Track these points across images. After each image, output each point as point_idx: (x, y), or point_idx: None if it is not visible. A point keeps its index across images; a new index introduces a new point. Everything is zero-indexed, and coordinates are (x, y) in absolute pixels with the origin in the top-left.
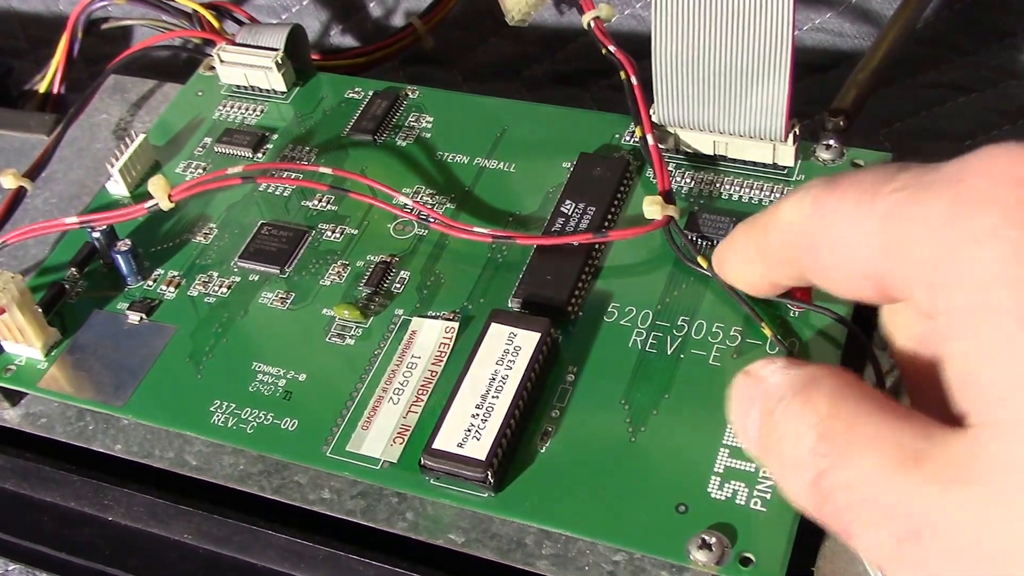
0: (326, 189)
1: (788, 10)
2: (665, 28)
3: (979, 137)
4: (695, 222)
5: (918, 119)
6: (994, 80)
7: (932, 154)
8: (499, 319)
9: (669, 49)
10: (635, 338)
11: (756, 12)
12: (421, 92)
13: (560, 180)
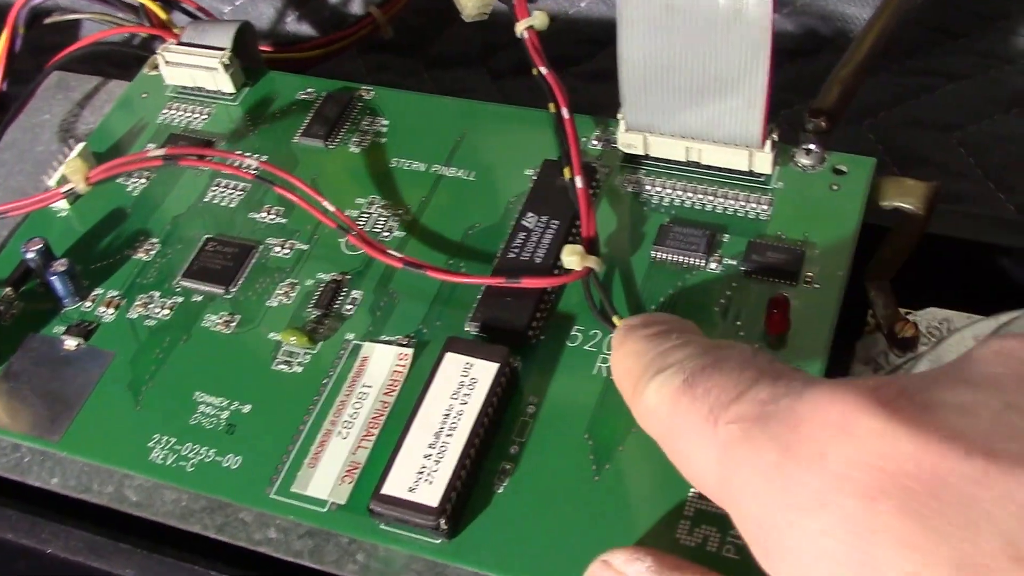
0: (251, 178)
1: (766, 12)
2: (633, 29)
3: (969, 127)
4: (665, 236)
5: (904, 108)
6: (985, 65)
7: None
8: (454, 348)
9: (637, 51)
10: (599, 365)
11: (731, 15)
12: (376, 93)
13: (523, 189)
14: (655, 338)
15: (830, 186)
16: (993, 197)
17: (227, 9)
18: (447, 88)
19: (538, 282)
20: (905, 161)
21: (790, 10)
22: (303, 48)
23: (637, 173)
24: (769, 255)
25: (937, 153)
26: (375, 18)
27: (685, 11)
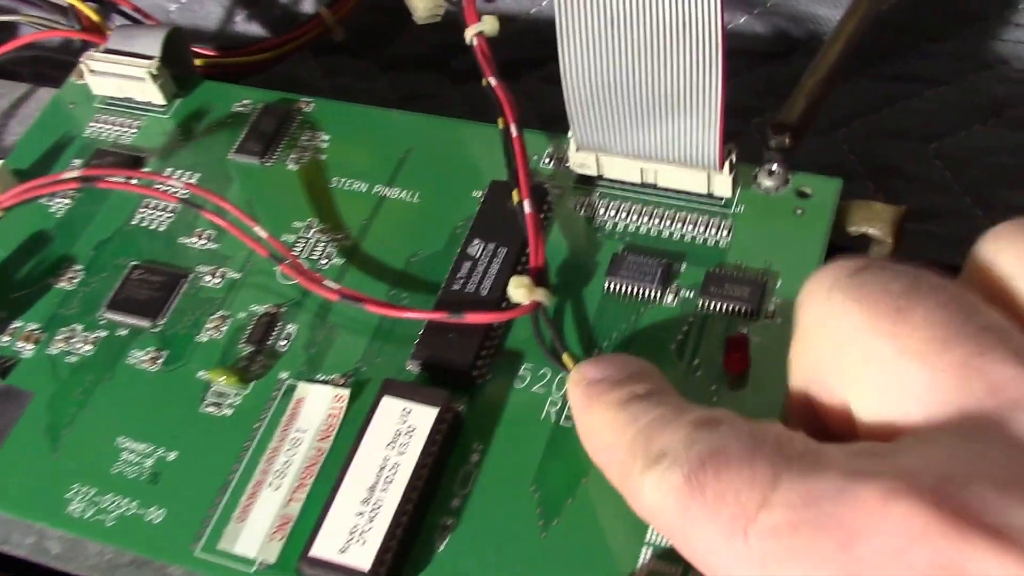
0: (175, 201)
1: (716, 28)
2: (574, 44)
3: (946, 138)
4: (619, 265)
5: (880, 116)
6: (964, 70)
7: (895, 159)
8: (391, 391)
9: (580, 68)
10: (549, 408)
11: (678, 30)
12: (317, 105)
13: (471, 212)
14: (628, 406)
15: (794, 210)
16: (970, 213)
17: (173, 7)
18: (405, 91)
19: (483, 317)
20: (879, 173)
21: (760, 11)
22: (249, 52)
23: (591, 195)
24: (728, 287)
25: (913, 165)
26: (324, 19)
27: (629, 25)
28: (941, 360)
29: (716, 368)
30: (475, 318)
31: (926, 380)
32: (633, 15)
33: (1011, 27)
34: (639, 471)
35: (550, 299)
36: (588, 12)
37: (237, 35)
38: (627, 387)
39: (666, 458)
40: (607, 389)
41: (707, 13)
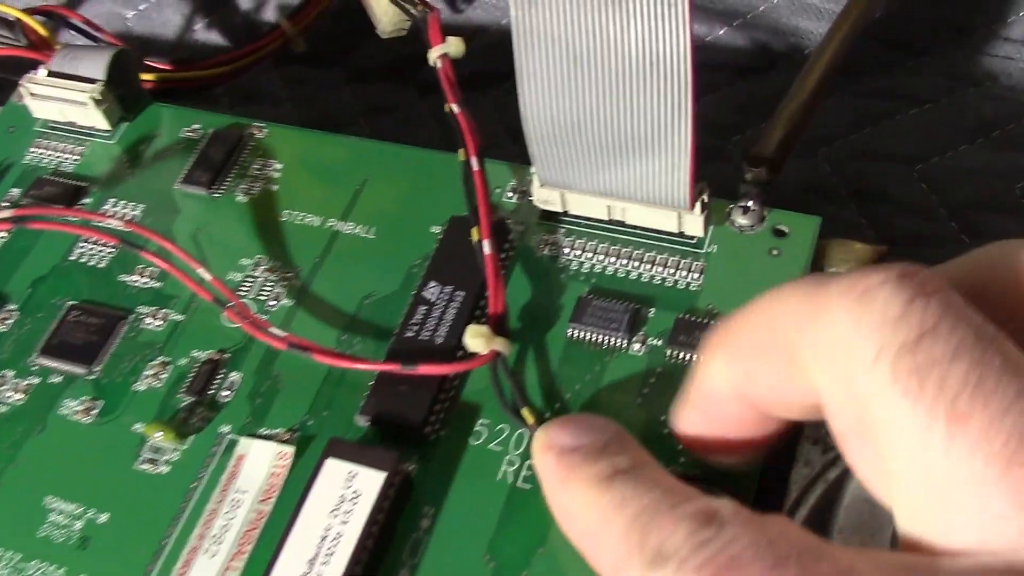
0: (114, 242)
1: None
2: (535, 83)
3: (932, 159)
4: (583, 310)
5: (862, 136)
6: (949, 88)
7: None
8: (336, 452)
9: (542, 107)
10: (506, 468)
11: (645, 70)
12: (271, 131)
13: (428, 250)
14: (613, 485)
15: (770, 251)
16: (957, 240)
17: (130, 15)
18: (370, 103)
19: (437, 369)
20: (862, 196)
21: (740, 23)
22: (206, 66)
23: (555, 233)
24: (698, 335)
25: (897, 188)
26: (284, 31)
27: (593, 64)
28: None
29: None
30: (429, 369)
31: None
32: (597, 54)
33: (1000, 42)
34: (637, 570)
35: (509, 348)
36: (549, 51)
37: (197, 43)
38: (607, 460)
39: (670, 562)
40: (584, 461)
41: (674, 52)
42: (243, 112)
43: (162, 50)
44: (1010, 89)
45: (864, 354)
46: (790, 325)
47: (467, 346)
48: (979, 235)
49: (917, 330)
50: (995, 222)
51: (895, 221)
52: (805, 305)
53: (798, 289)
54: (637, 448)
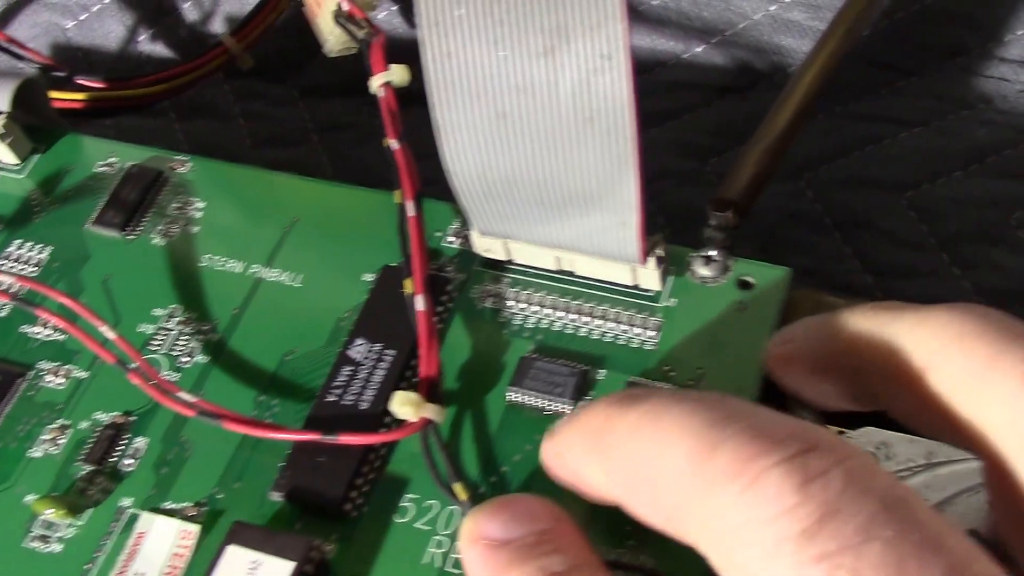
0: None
1: (624, 119)
2: (457, 138)
3: (922, 186)
4: (525, 372)
5: (848, 161)
6: (942, 111)
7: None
8: (239, 538)
9: (467, 164)
10: (433, 550)
11: (580, 123)
12: (195, 165)
13: (359, 301)
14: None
15: (733, 305)
16: (947, 273)
17: (69, 25)
18: (324, 120)
19: (360, 439)
20: (847, 225)
21: (718, 40)
22: (143, 83)
23: (499, 283)
24: None
25: (884, 218)
26: (228, 48)
27: (521, 121)
28: None
29: None
30: (351, 439)
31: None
32: (525, 110)
33: (995, 62)
34: None
35: (442, 415)
36: (471, 106)
37: (141, 56)
38: (539, 561)
39: None
40: (513, 561)
41: (613, 108)
42: (191, 128)
43: (104, 62)
44: (1005, 112)
45: (759, 550)
46: (675, 491)
47: (395, 413)
48: (971, 267)
49: (817, 514)
50: (988, 254)
51: (882, 252)
52: (691, 476)
53: (682, 444)
54: (575, 542)
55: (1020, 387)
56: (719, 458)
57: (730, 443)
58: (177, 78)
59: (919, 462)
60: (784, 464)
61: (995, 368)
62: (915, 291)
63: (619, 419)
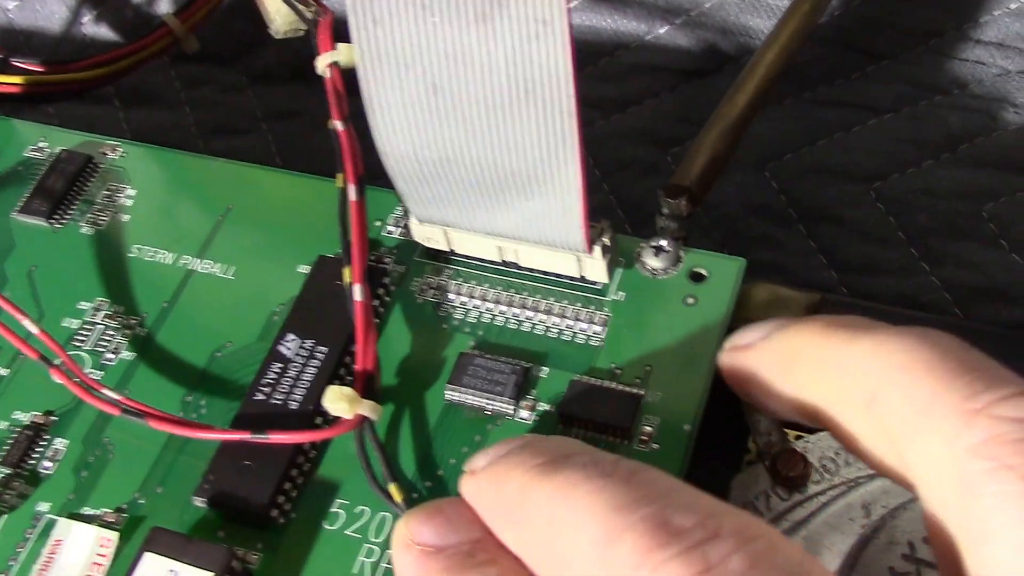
0: None
1: (566, 93)
2: (388, 115)
3: (891, 177)
4: (463, 370)
5: (815, 150)
6: (914, 97)
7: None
8: (156, 545)
9: (401, 142)
10: (364, 559)
11: (518, 98)
12: (126, 151)
13: (293, 294)
14: None
15: (684, 299)
16: (916, 268)
17: (11, 5)
18: (273, 107)
19: (291, 437)
20: (813, 218)
21: (683, 21)
22: (83, 66)
23: (440, 275)
24: (596, 401)
25: (851, 210)
26: (172, 29)
27: (455, 93)
28: None
29: None
30: (281, 438)
31: None
32: (459, 81)
33: (971, 45)
34: None
35: (379, 413)
36: (402, 77)
37: (85, 38)
38: (475, 570)
39: None
40: (448, 569)
41: (553, 78)
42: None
43: (46, 45)
44: (980, 98)
45: None
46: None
47: (328, 410)
48: (940, 263)
49: None
50: (959, 249)
51: (848, 246)
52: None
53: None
54: (509, 553)
55: (960, 427)
56: (621, 547)
57: (632, 532)
58: (118, 61)
59: None
60: (683, 555)
61: (937, 404)
62: (882, 288)
63: (535, 489)
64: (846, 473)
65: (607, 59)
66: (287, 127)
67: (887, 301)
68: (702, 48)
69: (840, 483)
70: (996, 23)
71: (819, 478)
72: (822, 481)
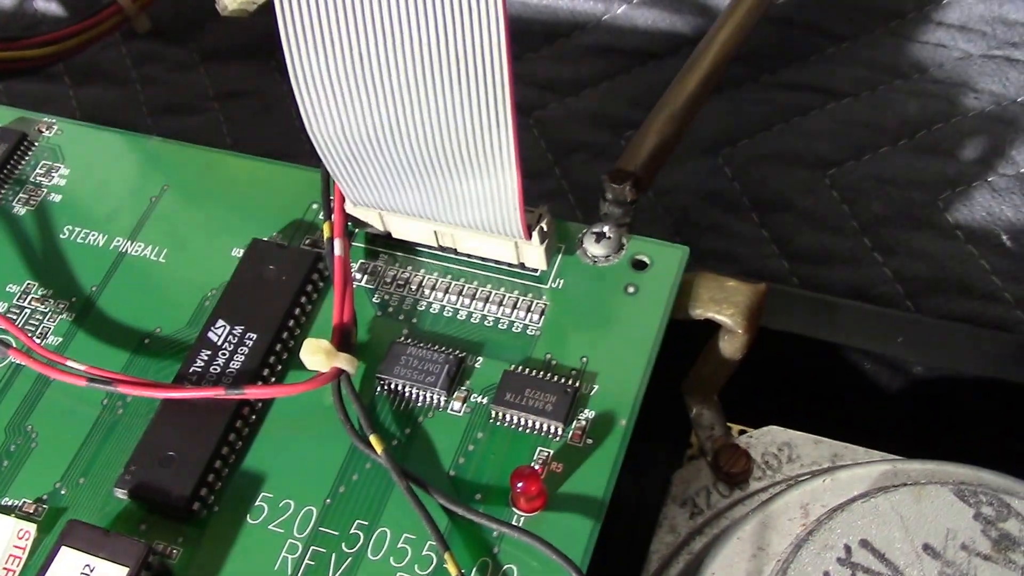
0: None
1: (499, 67)
2: (311, 87)
3: (846, 164)
4: (395, 360)
5: (770, 135)
6: (873, 81)
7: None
8: (72, 539)
9: (325, 117)
10: (286, 555)
11: (448, 72)
12: (61, 128)
13: (226, 278)
14: None
15: (625, 287)
16: (868, 258)
17: None
18: (224, 86)
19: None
20: (765, 207)
21: (640, 0)
22: (30, 44)
23: (376, 259)
24: (529, 394)
25: (805, 197)
26: (123, 8)
27: (382, 65)
28: None
29: (504, 506)
30: (258, 392)
31: None
32: (385, 53)
33: (932, 27)
34: None
35: (355, 365)
36: (326, 50)
37: (36, 14)
38: None
39: None
40: None
41: (485, 49)
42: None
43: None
44: (940, 83)
45: None
46: None
47: (305, 363)
48: (893, 253)
49: None
50: (912, 240)
51: (801, 235)
52: None
53: None
54: None
55: None
56: None
57: None
58: (69, 39)
59: (824, 465)
60: None
61: None
62: (833, 278)
63: None
64: (788, 470)
65: (563, 40)
66: (239, 107)
67: (837, 292)
68: (659, 29)
69: (781, 480)
70: (959, 4)
71: (761, 475)
72: (763, 478)
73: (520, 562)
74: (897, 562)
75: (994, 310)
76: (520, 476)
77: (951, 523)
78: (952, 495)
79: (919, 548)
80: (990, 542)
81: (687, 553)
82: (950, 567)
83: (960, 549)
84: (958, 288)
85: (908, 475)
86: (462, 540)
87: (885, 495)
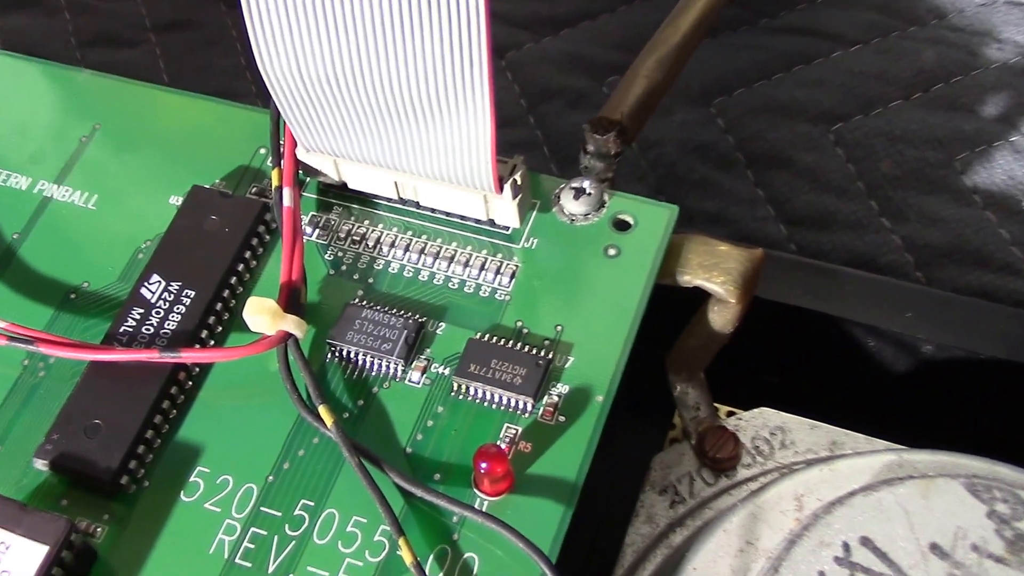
0: None
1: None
2: (264, 22)
3: (853, 119)
4: (348, 324)
5: (770, 85)
6: (884, 26)
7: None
8: None
9: (278, 55)
10: (223, 536)
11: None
12: None
13: (162, 229)
14: None
15: (606, 249)
16: (874, 224)
17: None
18: (163, 16)
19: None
20: (762, 164)
21: None
22: None
23: (331, 211)
24: (496, 365)
25: (805, 153)
26: None
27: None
28: None
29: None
30: (195, 356)
31: None
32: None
33: None
34: None
35: (303, 329)
36: None
37: None
38: None
39: None
40: None
41: None
42: (9, 24)
43: None
44: (960, 31)
45: None
46: None
47: (248, 324)
48: (903, 219)
49: None
50: (924, 204)
51: (800, 197)
52: None
53: None
54: None
55: None
56: None
57: None
58: None
59: (821, 453)
60: None
61: None
62: (836, 244)
63: None
64: (780, 457)
65: None
66: (177, 40)
67: (840, 260)
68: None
69: (773, 468)
70: None
71: (750, 461)
72: (753, 465)
73: (482, 550)
74: (901, 562)
75: (1013, 284)
76: (484, 455)
77: (961, 521)
78: (963, 490)
79: (925, 548)
80: (1004, 543)
81: (666, 546)
82: (959, 569)
83: (971, 550)
84: (974, 259)
85: (914, 467)
86: (418, 524)
87: (889, 488)
